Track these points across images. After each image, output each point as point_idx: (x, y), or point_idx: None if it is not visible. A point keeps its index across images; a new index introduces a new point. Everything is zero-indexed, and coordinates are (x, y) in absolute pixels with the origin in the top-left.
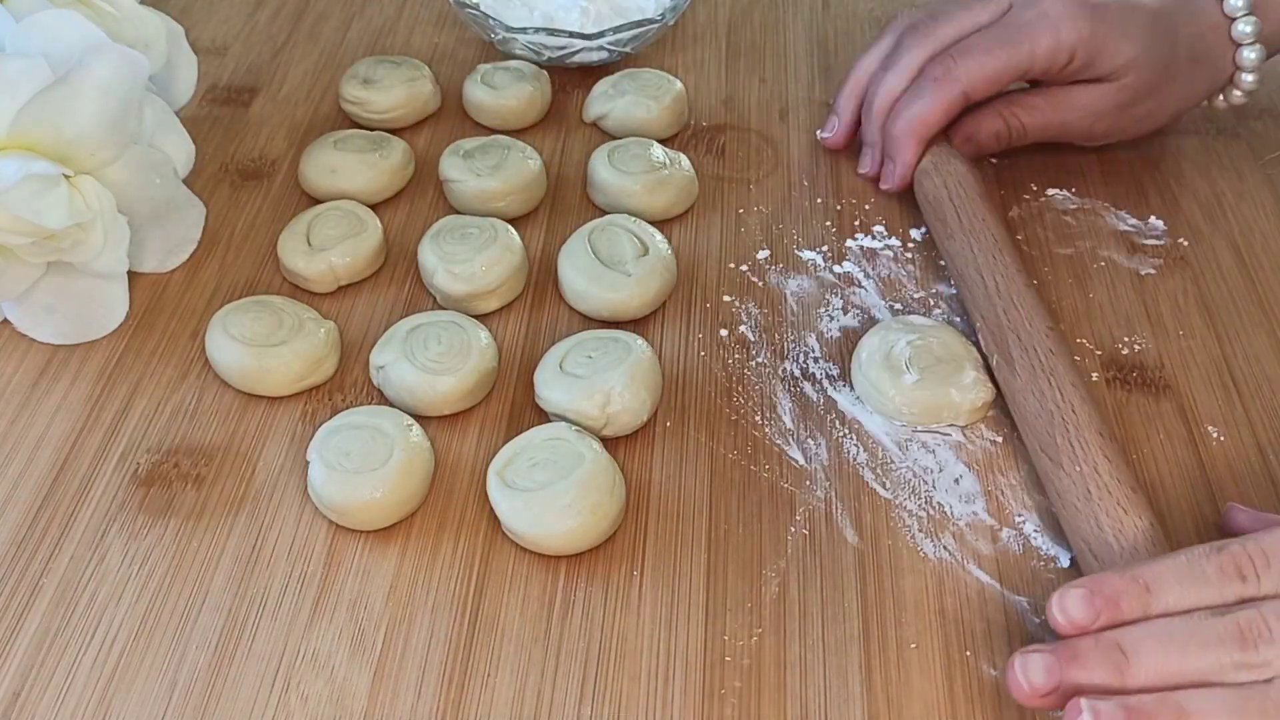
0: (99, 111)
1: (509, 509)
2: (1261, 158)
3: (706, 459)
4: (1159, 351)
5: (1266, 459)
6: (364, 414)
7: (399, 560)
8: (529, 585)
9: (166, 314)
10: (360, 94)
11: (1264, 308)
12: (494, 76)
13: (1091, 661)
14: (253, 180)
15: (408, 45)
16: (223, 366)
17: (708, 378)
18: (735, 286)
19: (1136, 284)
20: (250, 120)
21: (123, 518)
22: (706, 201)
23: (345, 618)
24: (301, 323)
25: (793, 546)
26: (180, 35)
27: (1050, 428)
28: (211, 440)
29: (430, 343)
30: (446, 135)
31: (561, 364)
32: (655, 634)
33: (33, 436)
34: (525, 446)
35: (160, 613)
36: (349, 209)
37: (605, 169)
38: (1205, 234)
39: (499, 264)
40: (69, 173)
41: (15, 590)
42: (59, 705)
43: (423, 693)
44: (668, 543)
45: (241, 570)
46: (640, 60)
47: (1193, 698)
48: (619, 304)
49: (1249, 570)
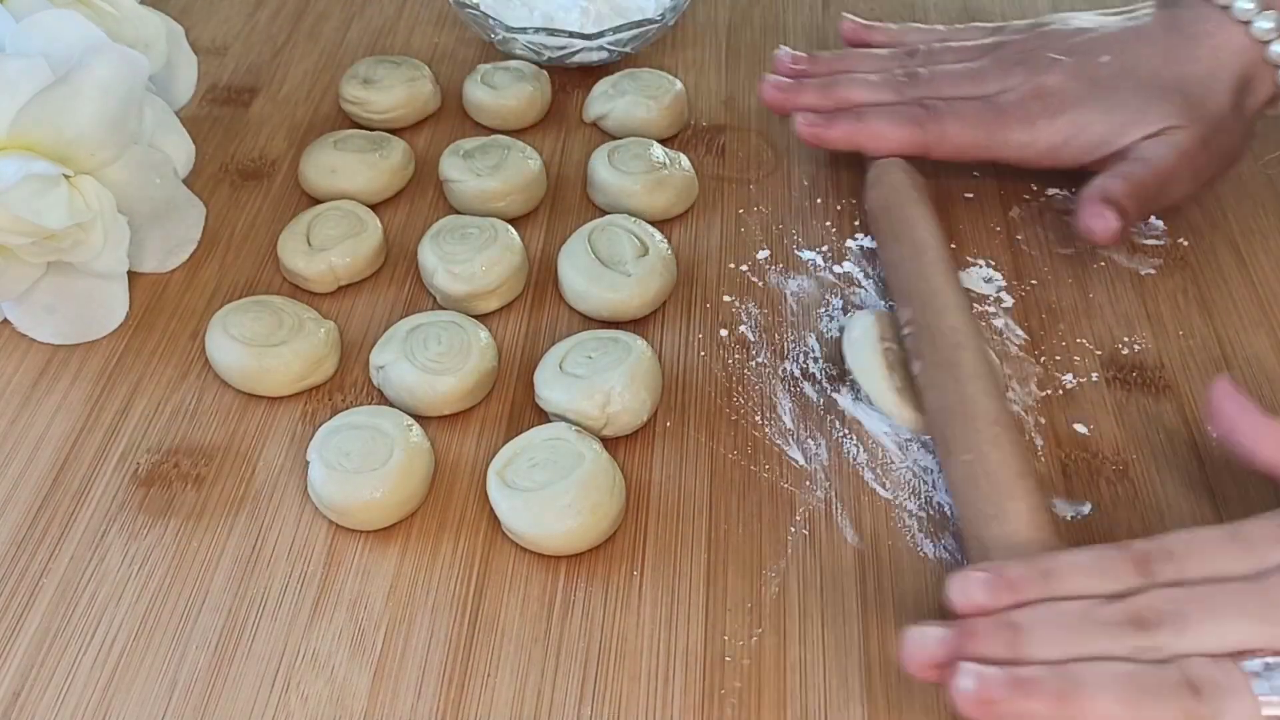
0: (99, 111)
1: (509, 509)
2: (1261, 158)
3: (706, 459)
4: (1159, 351)
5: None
6: (364, 414)
7: (399, 560)
8: (529, 585)
9: (166, 314)
10: (360, 94)
11: (1264, 308)
12: (494, 76)
13: (986, 636)
14: (253, 180)
15: (408, 45)
16: (223, 366)
17: (708, 378)
18: (735, 286)
19: (1136, 284)
20: (250, 120)
21: (123, 518)
22: (706, 201)
23: (345, 618)
24: (301, 323)
25: (793, 546)
26: (180, 35)
27: (944, 422)
28: (211, 440)
29: (430, 343)
30: (446, 135)
31: (561, 364)
32: (655, 634)
33: (33, 436)
34: (525, 446)
35: (160, 613)
36: (349, 209)
37: (605, 169)
38: (1205, 234)
39: (499, 264)
40: (69, 173)
41: (15, 590)
42: (59, 705)
43: (423, 693)
44: (668, 543)
45: (241, 570)
46: (640, 60)
47: (1084, 670)
48: (619, 304)
49: (1152, 565)
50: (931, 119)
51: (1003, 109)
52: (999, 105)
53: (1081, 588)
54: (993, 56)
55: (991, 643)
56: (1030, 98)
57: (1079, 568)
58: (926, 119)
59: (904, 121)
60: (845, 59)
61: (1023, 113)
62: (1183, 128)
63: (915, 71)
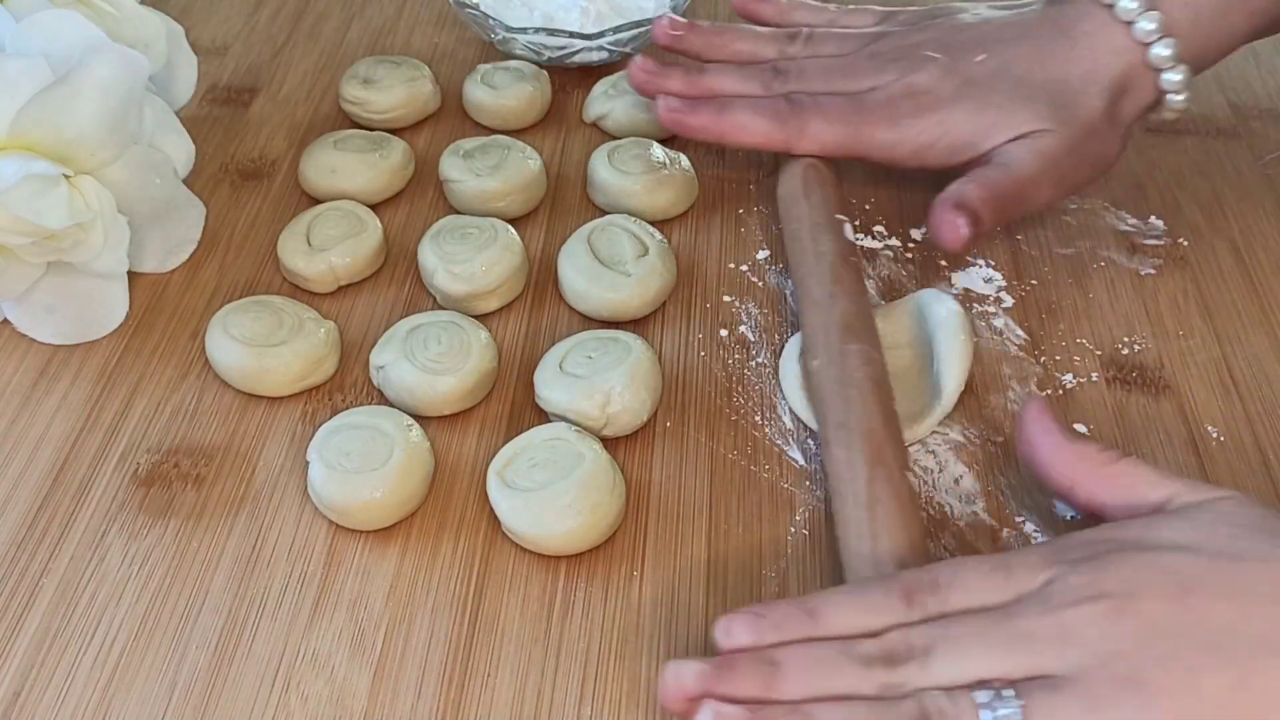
0: (99, 111)
1: (509, 509)
2: (1261, 158)
3: (706, 459)
4: (1159, 351)
5: (1266, 459)
6: (364, 414)
7: (399, 560)
8: (529, 585)
9: (166, 314)
10: (360, 94)
11: (1264, 308)
12: (494, 76)
13: (742, 672)
14: (253, 180)
15: (408, 45)
16: (223, 366)
17: (708, 378)
18: (735, 286)
19: (1136, 284)
20: (250, 120)
21: (123, 518)
22: (706, 201)
23: (345, 618)
24: (301, 323)
25: (793, 546)
26: (180, 35)
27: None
28: (211, 440)
29: (430, 343)
30: (446, 135)
31: (561, 364)
32: (655, 634)
33: (33, 437)
34: (525, 446)
35: (160, 613)
36: (349, 209)
37: (605, 169)
38: (1205, 234)
39: (499, 264)
40: (69, 173)
41: (15, 590)
42: (59, 705)
43: (423, 693)
44: (668, 543)
45: (241, 570)
46: None
47: (820, 709)
48: (619, 304)
49: (917, 598)
50: (794, 114)
51: (870, 107)
52: (866, 103)
53: (846, 625)
54: (869, 50)
55: (747, 680)
56: (900, 96)
57: (845, 604)
58: (790, 114)
59: (766, 115)
60: (723, 34)
61: (890, 111)
62: (1050, 131)
63: (786, 66)
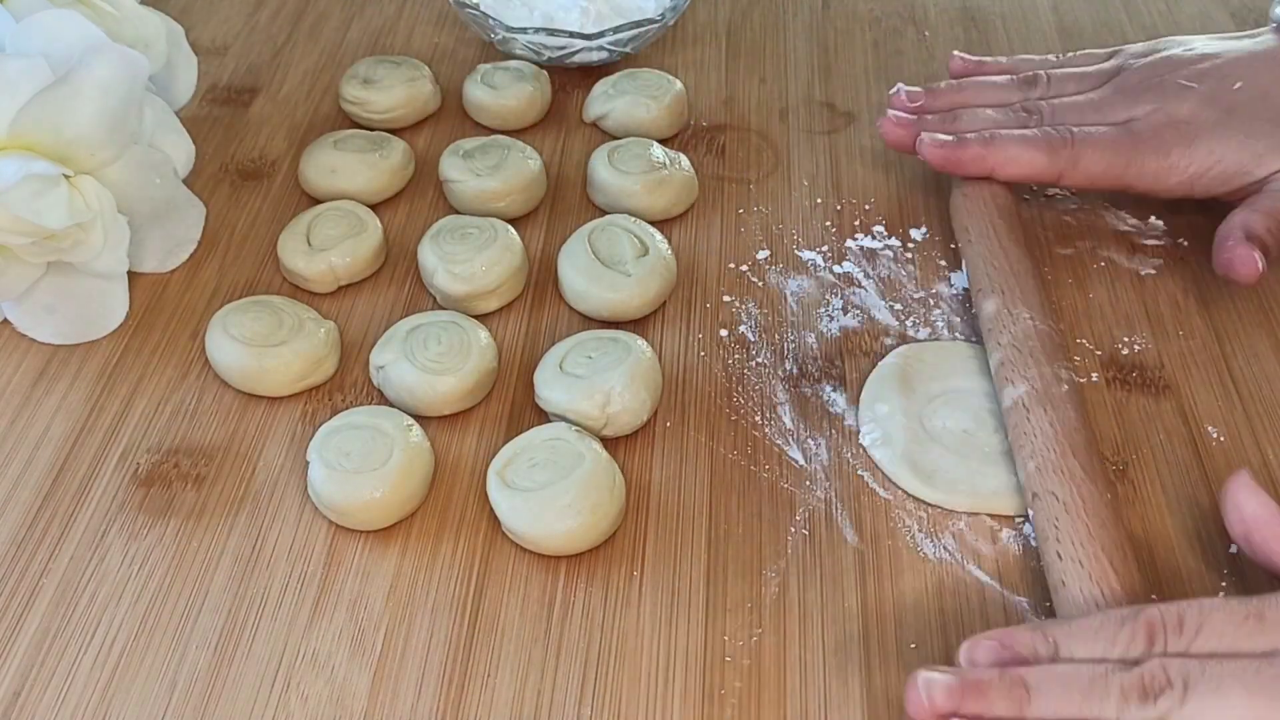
0: (99, 111)
1: (509, 509)
2: None
3: (706, 459)
4: (1159, 351)
5: (1266, 459)
6: (364, 414)
7: (399, 560)
8: (529, 585)
9: (166, 314)
10: (360, 94)
11: (1264, 308)
12: (494, 76)
13: (994, 693)
14: (253, 180)
15: (408, 45)
16: (223, 366)
17: (708, 378)
18: (735, 286)
19: (1136, 284)
20: (250, 120)
21: (123, 518)
22: (706, 201)
23: (345, 618)
24: (301, 323)
25: (793, 547)
26: (180, 35)
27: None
28: (211, 440)
29: (430, 343)
30: (446, 135)
31: (561, 364)
32: (655, 634)
33: (33, 436)
34: (525, 446)
35: (160, 613)
36: (349, 209)
37: (605, 169)
38: (1205, 234)
39: (499, 264)
40: (69, 173)
41: (15, 590)
42: (59, 705)
43: (423, 693)
44: (668, 543)
45: (241, 570)
46: (640, 60)
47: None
48: (619, 304)
49: (1160, 637)
50: (1066, 145)
51: (1141, 137)
52: (1134, 133)
53: (1089, 653)
54: (1115, 84)
55: (999, 699)
56: (1163, 126)
57: (1087, 634)
58: (1061, 145)
59: (1039, 148)
60: (964, 90)
61: (1157, 141)
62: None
63: (1035, 106)
